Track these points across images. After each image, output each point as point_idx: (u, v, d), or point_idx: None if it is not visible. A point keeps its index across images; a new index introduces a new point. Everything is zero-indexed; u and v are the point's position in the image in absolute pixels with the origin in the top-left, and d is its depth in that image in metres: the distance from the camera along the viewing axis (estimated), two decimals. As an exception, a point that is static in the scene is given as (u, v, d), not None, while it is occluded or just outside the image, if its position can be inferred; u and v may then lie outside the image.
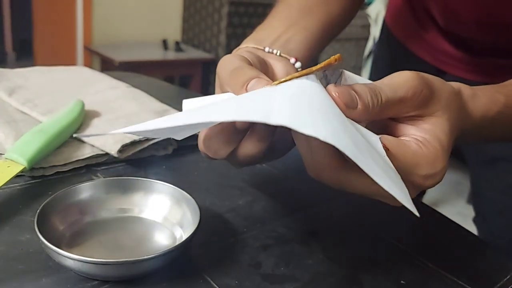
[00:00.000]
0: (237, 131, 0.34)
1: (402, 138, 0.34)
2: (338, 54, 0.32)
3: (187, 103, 0.38)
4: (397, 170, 0.31)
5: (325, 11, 0.52)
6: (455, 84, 0.38)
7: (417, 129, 0.34)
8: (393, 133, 0.35)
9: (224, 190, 0.48)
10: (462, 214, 2.39)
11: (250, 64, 0.39)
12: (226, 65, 0.39)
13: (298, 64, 0.46)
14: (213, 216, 0.43)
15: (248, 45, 0.45)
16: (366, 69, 2.47)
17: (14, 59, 4.14)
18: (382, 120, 0.36)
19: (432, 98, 0.34)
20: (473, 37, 0.61)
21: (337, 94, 0.31)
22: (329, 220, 0.45)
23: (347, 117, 0.31)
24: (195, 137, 0.56)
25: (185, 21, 3.28)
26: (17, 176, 0.42)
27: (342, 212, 0.46)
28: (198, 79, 3.06)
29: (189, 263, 0.36)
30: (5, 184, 0.40)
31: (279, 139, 0.36)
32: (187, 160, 0.53)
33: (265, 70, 0.41)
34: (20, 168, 0.42)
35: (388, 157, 0.31)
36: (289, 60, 0.45)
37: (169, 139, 0.53)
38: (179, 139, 0.40)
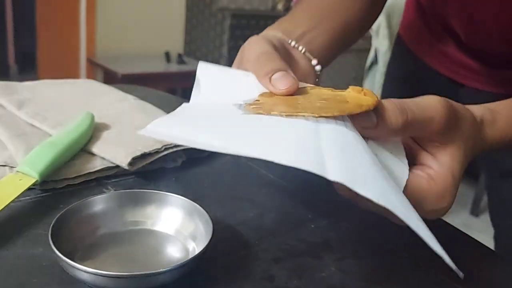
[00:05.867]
0: None
1: (416, 171, 0.34)
2: (376, 99, 0.32)
3: (202, 68, 0.38)
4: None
5: (344, 16, 0.53)
6: (478, 111, 0.37)
7: (434, 161, 0.34)
8: (413, 157, 0.36)
9: (234, 202, 0.48)
10: (466, 225, 2.38)
11: (276, 50, 0.38)
12: (254, 46, 0.38)
13: (318, 67, 0.46)
14: (224, 228, 0.43)
15: (275, 33, 0.45)
16: (367, 81, 2.48)
17: (16, 72, 4.16)
18: (407, 141, 0.36)
19: (456, 126, 0.34)
20: (493, 50, 0.61)
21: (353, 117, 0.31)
22: (340, 232, 0.45)
23: (368, 137, 0.32)
24: (202, 149, 0.56)
25: (188, 33, 3.30)
26: (28, 189, 0.42)
27: (352, 224, 0.46)
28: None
29: (202, 276, 0.36)
30: (17, 197, 0.40)
31: None
32: (196, 172, 0.53)
33: (288, 62, 0.40)
34: (32, 181, 0.42)
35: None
36: (310, 60, 0.45)
37: (178, 151, 0.53)
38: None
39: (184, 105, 0.37)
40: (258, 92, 0.37)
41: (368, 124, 0.32)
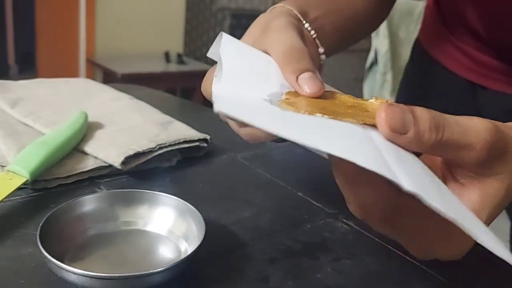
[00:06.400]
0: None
1: None
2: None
3: (226, 41, 0.37)
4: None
5: (350, 12, 0.51)
6: None
7: (464, 200, 0.29)
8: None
9: (229, 202, 0.47)
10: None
11: (303, 41, 0.37)
12: (281, 32, 0.37)
13: (323, 57, 0.45)
14: (218, 228, 0.42)
15: (293, 9, 0.43)
16: (367, 81, 2.47)
17: (16, 72, 4.15)
18: (440, 165, 0.31)
19: (501, 158, 0.29)
20: None
21: (384, 114, 0.26)
22: (336, 232, 0.44)
23: (389, 141, 0.27)
24: (198, 149, 0.55)
25: (187, 33, 3.29)
26: (19, 188, 0.41)
27: (349, 224, 0.45)
28: (200, 91, 3.07)
29: (195, 276, 0.35)
30: (7, 196, 0.39)
31: None
32: (191, 172, 0.52)
33: None
34: (23, 180, 0.41)
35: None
36: (317, 48, 0.44)
37: (172, 150, 0.52)
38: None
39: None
40: (278, 85, 0.36)
41: (399, 129, 0.27)
